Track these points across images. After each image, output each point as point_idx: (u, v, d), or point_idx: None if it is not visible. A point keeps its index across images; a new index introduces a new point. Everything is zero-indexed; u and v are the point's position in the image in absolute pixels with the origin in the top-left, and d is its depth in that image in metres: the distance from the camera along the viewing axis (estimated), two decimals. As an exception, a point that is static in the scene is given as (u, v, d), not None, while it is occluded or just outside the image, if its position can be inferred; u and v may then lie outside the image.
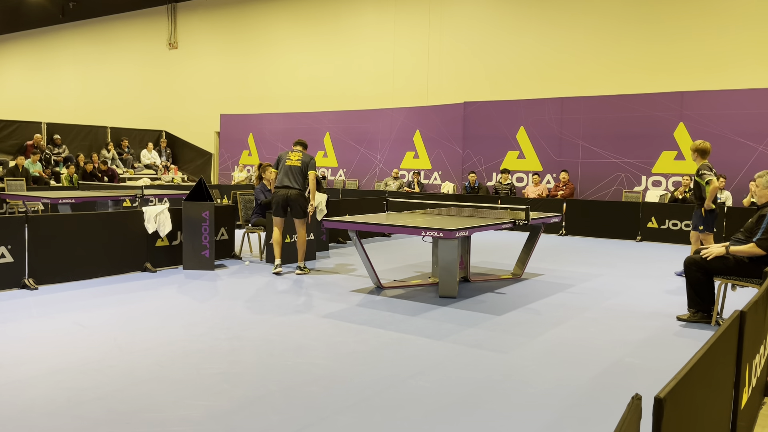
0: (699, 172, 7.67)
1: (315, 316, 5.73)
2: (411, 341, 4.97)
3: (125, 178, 17.19)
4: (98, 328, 5.19)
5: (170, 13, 22.39)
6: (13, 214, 12.19)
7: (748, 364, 3.06)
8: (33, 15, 24.73)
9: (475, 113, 15.47)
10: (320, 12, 18.91)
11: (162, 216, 7.87)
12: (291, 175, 7.80)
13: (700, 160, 7.73)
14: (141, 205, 9.60)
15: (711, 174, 7.59)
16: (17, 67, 27.54)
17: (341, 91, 18.58)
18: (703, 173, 7.60)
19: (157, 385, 3.91)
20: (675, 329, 5.52)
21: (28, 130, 17.00)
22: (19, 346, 4.66)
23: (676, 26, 13.60)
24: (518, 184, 14.89)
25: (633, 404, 1.62)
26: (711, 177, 7.55)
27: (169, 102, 22.38)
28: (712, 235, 7.77)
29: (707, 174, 7.58)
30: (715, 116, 12.66)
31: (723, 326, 2.45)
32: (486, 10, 16.03)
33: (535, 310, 6.16)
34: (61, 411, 3.50)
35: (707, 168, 7.64)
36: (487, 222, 6.81)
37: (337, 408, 3.63)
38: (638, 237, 12.04)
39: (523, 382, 4.12)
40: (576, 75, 14.78)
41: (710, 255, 5.39)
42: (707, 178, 7.55)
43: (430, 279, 7.50)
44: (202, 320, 5.50)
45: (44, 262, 6.83)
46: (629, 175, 13.62)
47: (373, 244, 10.79)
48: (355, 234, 6.86)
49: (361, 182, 17.78)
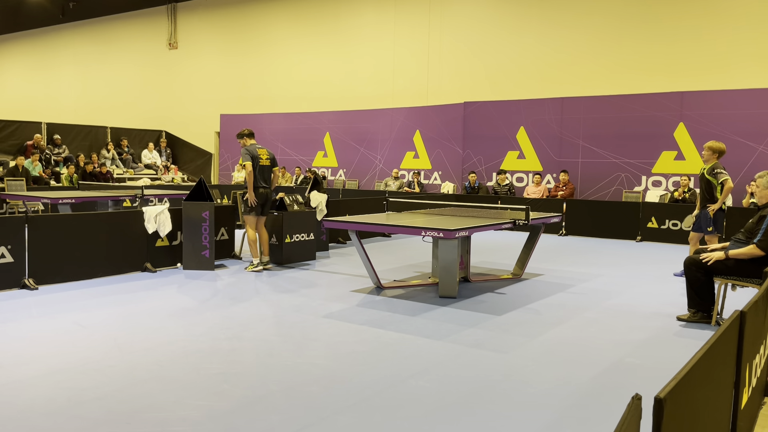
0: (714, 171, 7.62)
1: (315, 316, 5.73)
2: (411, 341, 4.97)
3: (125, 178, 17.19)
4: (98, 328, 5.19)
5: (170, 13, 22.39)
6: (13, 214, 12.20)
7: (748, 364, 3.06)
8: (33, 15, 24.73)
9: (475, 113, 15.47)
10: (320, 12, 18.91)
11: (162, 216, 7.87)
12: (266, 174, 8.12)
13: (713, 160, 7.70)
14: (141, 205, 9.60)
15: (726, 174, 7.58)
16: (17, 67, 27.53)
17: (341, 91, 18.58)
18: (719, 172, 7.57)
19: (157, 385, 3.91)
20: (675, 329, 5.52)
21: (28, 130, 16.99)
22: (19, 346, 4.66)
23: (676, 26, 13.60)
24: (518, 184, 14.89)
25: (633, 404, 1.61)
26: (726, 177, 7.54)
27: (169, 102, 22.38)
28: (717, 237, 7.74)
29: (723, 173, 7.56)
30: (715, 116, 12.66)
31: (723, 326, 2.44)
32: (486, 10, 16.03)
33: (535, 310, 6.16)
34: (61, 411, 3.50)
35: (722, 167, 7.63)
36: (487, 222, 6.81)
37: (337, 408, 3.63)
38: (638, 237, 12.04)
39: (523, 382, 4.12)
40: (576, 75, 14.77)
41: (710, 261, 5.38)
42: (722, 178, 7.53)
43: (430, 279, 7.50)
44: (202, 320, 5.50)
45: (44, 262, 6.83)
46: (629, 175, 13.62)
47: (373, 244, 10.79)
48: (355, 234, 6.86)
49: (361, 182, 17.78)
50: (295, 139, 19.14)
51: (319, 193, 9.94)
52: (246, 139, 8.09)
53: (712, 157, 7.70)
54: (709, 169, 7.68)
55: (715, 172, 7.60)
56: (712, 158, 7.70)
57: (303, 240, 8.86)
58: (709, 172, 7.66)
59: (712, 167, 7.64)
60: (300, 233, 8.82)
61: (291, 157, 19.19)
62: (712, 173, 7.63)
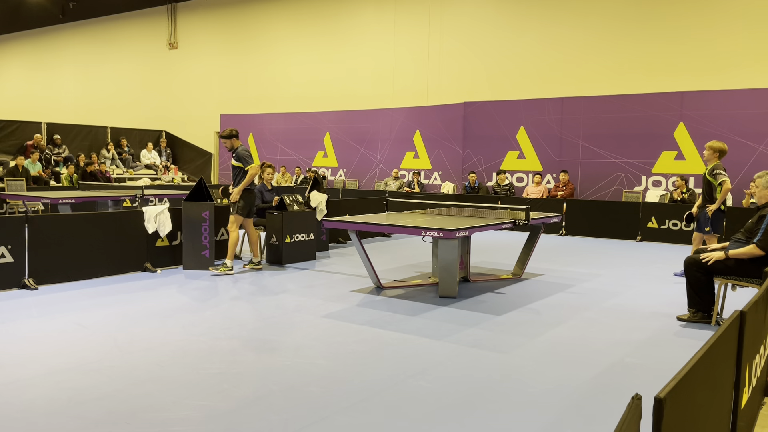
0: (713, 172, 7.63)
1: (315, 316, 5.73)
2: (411, 341, 4.97)
3: (125, 178, 17.19)
4: (98, 328, 5.19)
5: (170, 13, 22.39)
6: (13, 214, 12.19)
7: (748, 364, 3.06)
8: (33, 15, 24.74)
9: (475, 113, 15.47)
10: (320, 12, 18.91)
11: (162, 216, 7.87)
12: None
13: (714, 160, 7.70)
14: (141, 205, 9.60)
15: (725, 175, 7.59)
16: (17, 67, 27.53)
17: (341, 91, 18.57)
18: (718, 173, 7.59)
19: (157, 385, 3.91)
20: (675, 329, 5.52)
21: (28, 130, 16.99)
22: (19, 346, 4.66)
23: (676, 26, 13.60)
24: (518, 184, 14.89)
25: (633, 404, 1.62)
26: (725, 178, 7.55)
27: (169, 102, 22.37)
28: (717, 237, 7.75)
29: (722, 175, 7.57)
30: (715, 116, 12.66)
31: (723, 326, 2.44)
32: (486, 10, 16.03)
33: (535, 310, 6.16)
34: (61, 411, 3.50)
35: (722, 168, 7.64)
36: (487, 222, 6.81)
37: (337, 408, 3.63)
38: (638, 237, 12.04)
39: (523, 382, 4.12)
40: (576, 75, 14.77)
41: (710, 261, 5.39)
42: (721, 179, 7.54)
43: (430, 279, 7.50)
44: (201, 320, 5.50)
45: (44, 262, 6.82)
46: (629, 175, 13.62)
47: (373, 244, 10.79)
48: (355, 234, 6.86)
49: (361, 182, 17.78)
50: (295, 139, 19.14)
51: (319, 193, 9.94)
52: (235, 139, 7.96)
53: (713, 156, 7.70)
54: (709, 170, 7.69)
55: (715, 173, 7.62)
56: (713, 158, 7.70)
57: (303, 240, 8.86)
58: (710, 173, 7.67)
59: (713, 168, 7.65)
60: (300, 233, 8.82)
61: (291, 157, 19.19)
62: (711, 174, 7.64)
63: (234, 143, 7.95)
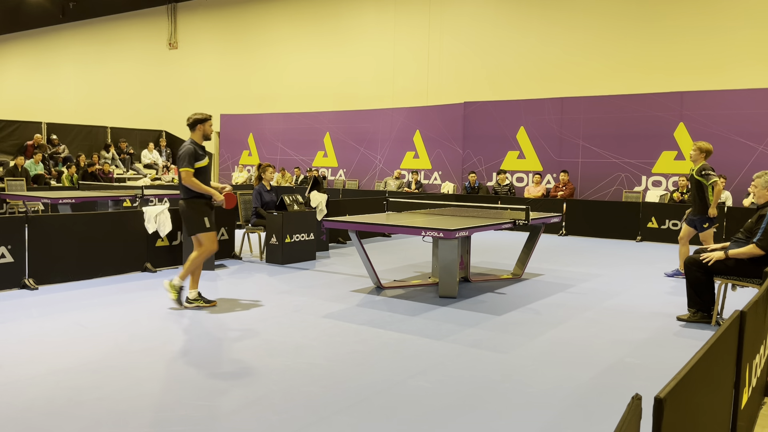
0: (702, 172, 7.64)
1: (315, 316, 5.73)
2: (411, 341, 4.97)
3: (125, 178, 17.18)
4: (98, 328, 5.19)
5: (170, 13, 22.39)
6: (13, 214, 12.19)
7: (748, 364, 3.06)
8: (33, 15, 24.73)
9: (475, 113, 15.47)
10: (320, 12, 18.91)
11: (162, 216, 7.86)
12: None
13: (701, 160, 7.73)
14: (141, 205, 9.60)
15: (715, 175, 7.62)
16: (17, 67, 27.53)
17: (341, 91, 18.57)
18: (708, 173, 7.60)
19: (157, 385, 3.91)
20: (675, 329, 5.52)
21: (28, 130, 16.99)
22: (19, 346, 4.66)
23: (676, 26, 13.60)
24: (518, 184, 14.89)
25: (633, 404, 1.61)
26: (716, 178, 7.58)
27: (169, 102, 22.37)
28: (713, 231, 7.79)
29: (712, 175, 7.58)
30: (715, 116, 12.66)
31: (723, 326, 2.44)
32: (486, 10, 16.03)
33: (535, 310, 6.16)
34: (61, 411, 3.50)
35: (711, 168, 7.65)
36: (487, 222, 6.81)
37: (337, 408, 3.63)
38: (638, 237, 12.04)
39: (523, 382, 4.12)
40: (576, 75, 14.77)
41: (710, 261, 5.39)
42: (712, 180, 7.55)
43: (430, 279, 7.50)
44: (201, 320, 5.49)
45: (44, 262, 6.82)
46: (629, 175, 13.62)
47: (373, 244, 10.78)
48: (355, 234, 6.86)
49: (361, 182, 17.78)
50: (295, 139, 19.13)
51: (319, 193, 9.93)
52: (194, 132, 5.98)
53: (699, 156, 7.73)
54: (698, 169, 7.71)
55: (704, 173, 7.64)
56: (700, 158, 7.73)
57: (303, 240, 8.86)
58: (698, 172, 7.69)
59: (701, 168, 7.68)
60: (300, 233, 8.81)
61: (291, 157, 19.19)
62: (701, 174, 7.66)
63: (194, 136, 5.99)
